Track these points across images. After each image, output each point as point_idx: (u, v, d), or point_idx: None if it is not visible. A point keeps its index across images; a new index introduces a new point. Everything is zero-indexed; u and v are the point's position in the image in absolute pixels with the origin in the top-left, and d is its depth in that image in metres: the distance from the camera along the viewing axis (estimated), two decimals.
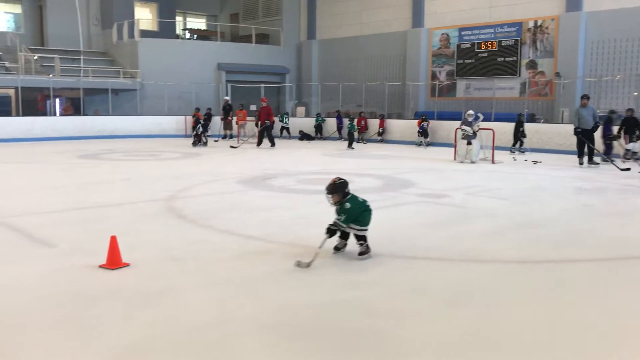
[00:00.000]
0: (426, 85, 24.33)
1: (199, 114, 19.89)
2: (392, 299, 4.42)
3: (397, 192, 9.57)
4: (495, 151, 14.64)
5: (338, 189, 5.61)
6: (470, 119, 14.08)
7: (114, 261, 5.00)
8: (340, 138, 22.63)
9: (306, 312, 4.11)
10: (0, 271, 4.94)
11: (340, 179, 5.72)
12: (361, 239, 5.56)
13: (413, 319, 4.01)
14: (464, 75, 23.28)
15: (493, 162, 14.31)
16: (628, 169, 12.51)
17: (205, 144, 19.05)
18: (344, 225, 5.49)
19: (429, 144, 19.83)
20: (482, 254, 5.81)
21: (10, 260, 5.27)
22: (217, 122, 22.57)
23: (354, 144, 19.32)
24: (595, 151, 13.64)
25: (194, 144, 18.88)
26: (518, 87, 21.79)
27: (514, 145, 17.25)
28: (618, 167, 12.64)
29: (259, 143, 18.61)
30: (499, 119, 19.26)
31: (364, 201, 5.70)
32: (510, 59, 21.90)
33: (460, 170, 12.76)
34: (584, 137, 13.40)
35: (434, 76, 24.29)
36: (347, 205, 5.51)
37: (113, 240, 5.06)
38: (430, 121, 20.51)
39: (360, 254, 5.52)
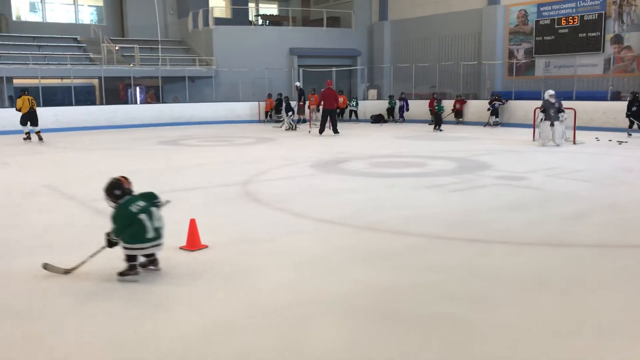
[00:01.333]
0: (503, 65, 23.51)
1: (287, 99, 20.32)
2: (470, 283, 4.33)
3: (473, 174, 9.34)
4: (578, 131, 13.99)
5: (106, 190, 4.60)
6: (553, 100, 13.30)
7: (194, 243, 5.17)
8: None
9: (384, 294, 4.10)
10: (86, 253, 5.21)
11: (114, 177, 4.72)
12: (126, 257, 4.42)
13: (491, 304, 3.92)
14: (543, 52, 22.30)
15: (574, 142, 13.68)
16: None
17: (293, 128, 19.37)
18: (116, 238, 4.45)
19: (497, 124, 19.31)
20: (563, 238, 5.58)
21: (95, 242, 5.54)
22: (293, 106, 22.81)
23: (442, 126, 18.90)
24: None
25: (289, 129, 19.36)
26: (602, 64, 20.65)
27: (630, 126, 15.54)
28: None
29: (321, 130, 17.12)
30: (581, 97, 18.38)
31: (144, 209, 4.50)
32: (593, 34, 20.77)
33: (539, 152, 12.30)
34: None
35: (511, 55, 23.43)
36: (114, 213, 4.52)
37: (192, 222, 5.23)
38: (508, 101, 19.89)
39: (120, 273, 4.41)
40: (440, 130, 18.44)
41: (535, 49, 22.56)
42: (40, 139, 16.13)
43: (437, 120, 18.83)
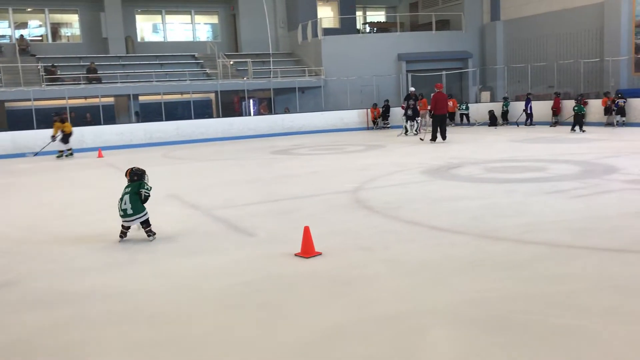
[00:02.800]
0: (629, 60, 21.84)
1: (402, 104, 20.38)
2: (600, 294, 4.03)
3: (599, 178, 8.73)
4: None
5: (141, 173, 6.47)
6: None
7: (308, 250, 5.24)
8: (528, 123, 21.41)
9: (501, 305, 3.91)
10: (210, 258, 5.45)
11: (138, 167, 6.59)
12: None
13: (625, 316, 3.61)
14: None
15: None
16: None
17: (405, 133, 19.34)
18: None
19: (623, 124, 18.04)
20: None
21: (218, 249, 5.79)
22: (400, 112, 22.70)
23: (584, 127, 17.99)
24: None
25: (405, 133, 19.57)
26: None
27: None
28: None
29: (433, 137, 16.36)
30: None
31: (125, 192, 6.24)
32: None
33: None
34: None
35: (638, 49, 21.73)
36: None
37: (306, 230, 5.30)
38: (633, 99, 18.52)
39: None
40: (583, 131, 17.49)
41: None
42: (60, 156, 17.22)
43: (576, 121, 17.89)
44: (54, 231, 7.06)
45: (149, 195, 6.25)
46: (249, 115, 25.71)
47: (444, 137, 16.33)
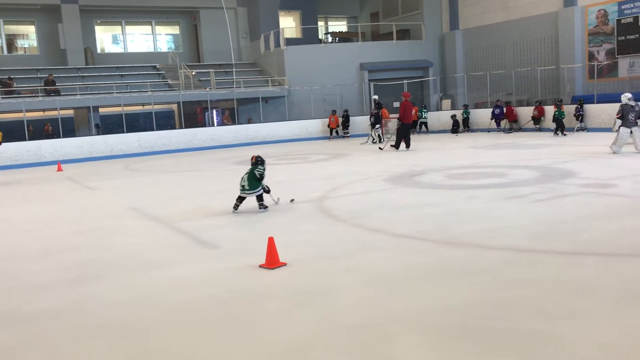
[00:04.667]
0: (583, 67, 22.52)
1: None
2: (560, 298, 4.11)
3: (557, 183, 8.95)
4: None
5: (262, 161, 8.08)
6: (632, 103, 12.46)
7: (273, 261, 5.21)
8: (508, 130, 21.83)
9: (466, 311, 3.96)
10: (173, 271, 5.37)
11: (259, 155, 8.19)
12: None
13: (584, 319, 3.70)
14: (626, 52, 21.17)
15: None
16: None
17: (380, 141, 19.42)
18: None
19: (582, 129, 18.67)
20: None
21: (181, 261, 5.71)
22: (361, 122, 22.90)
23: (565, 131, 18.52)
24: None
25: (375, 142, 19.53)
26: None
27: None
28: None
29: (397, 145, 16.49)
30: None
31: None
32: None
33: (627, 158, 11.62)
34: None
35: (591, 57, 22.41)
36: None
37: (271, 241, 5.28)
38: (588, 105, 19.10)
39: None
40: (564, 135, 18.08)
41: (618, 49, 21.46)
42: None
43: (558, 125, 18.47)
44: (13, 247, 6.86)
45: (263, 175, 7.98)
46: (213, 125, 25.53)
47: (408, 146, 16.48)
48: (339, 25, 33.56)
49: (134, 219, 8.20)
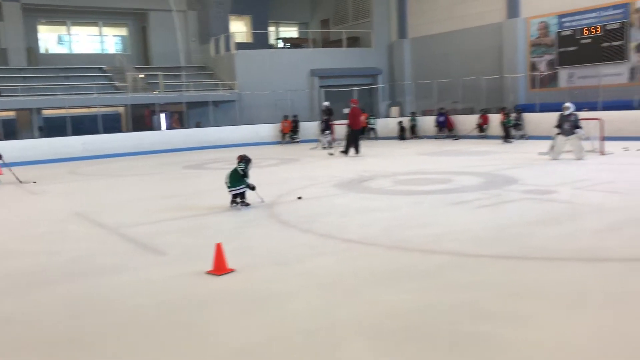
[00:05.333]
0: (525, 77, 23.32)
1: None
2: (503, 301, 4.25)
3: (500, 189, 9.22)
4: (606, 142, 13.75)
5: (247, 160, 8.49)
6: (566, 113, 13.02)
7: (220, 267, 5.17)
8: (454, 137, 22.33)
9: (415, 315, 4.04)
10: (118, 278, 5.26)
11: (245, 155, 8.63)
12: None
13: (526, 322, 3.83)
14: (566, 64, 22.07)
15: (602, 153, 13.44)
16: None
17: (330, 147, 19.35)
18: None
19: (523, 137, 19.30)
20: (596, 252, 5.45)
21: (126, 269, 5.60)
22: (312, 127, 23.01)
23: (510, 139, 19.09)
24: None
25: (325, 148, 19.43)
26: (627, 73, 20.34)
27: None
28: None
29: (346, 151, 16.70)
30: (607, 107, 18.10)
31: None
32: (617, 43, 20.49)
33: (566, 164, 12.10)
34: None
35: (533, 67, 23.24)
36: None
37: (218, 247, 5.24)
38: (530, 114, 19.79)
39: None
40: (510, 142, 18.66)
41: (558, 61, 22.35)
42: None
43: (506, 133, 19.06)
44: None
45: (246, 173, 8.38)
46: (161, 129, 25.12)
47: (357, 151, 16.64)
48: (290, 31, 33.66)
49: (79, 225, 7.99)
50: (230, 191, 8.39)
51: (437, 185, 10.06)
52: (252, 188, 8.44)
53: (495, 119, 20.76)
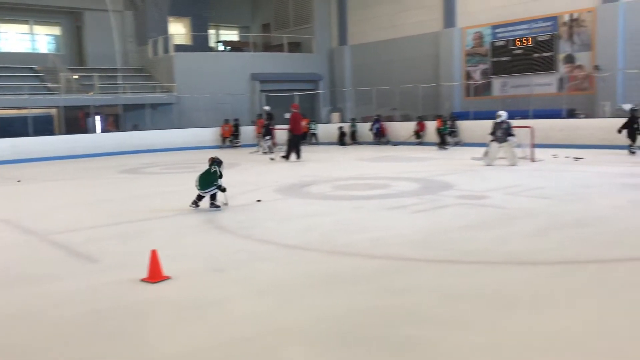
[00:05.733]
0: (461, 86, 24.02)
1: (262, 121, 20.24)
2: (438, 304, 4.34)
3: (435, 194, 9.44)
4: (536, 149, 14.32)
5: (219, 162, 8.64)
6: (499, 120, 13.53)
7: (155, 274, 5.05)
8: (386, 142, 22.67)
9: (350, 320, 4.07)
10: (46, 288, 5.05)
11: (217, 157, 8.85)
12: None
13: (460, 325, 3.92)
14: (500, 73, 22.88)
15: (533, 160, 13.99)
16: None
17: (271, 152, 19.15)
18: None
19: (457, 144, 19.85)
20: (527, 256, 5.66)
21: (56, 277, 5.39)
22: (252, 131, 22.94)
23: (446, 145, 19.51)
24: None
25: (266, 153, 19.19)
26: (556, 83, 21.29)
27: (632, 144, 14.89)
28: None
29: (287, 156, 16.64)
30: (537, 116, 18.87)
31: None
32: (547, 54, 21.42)
33: (499, 170, 12.52)
34: None
35: (468, 76, 23.97)
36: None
37: (154, 253, 5.12)
38: (466, 122, 20.37)
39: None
40: (445, 148, 19.08)
41: (492, 70, 23.13)
42: None
43: (442, 140, 19.48)
44: None
45: (221, 174, 8.51)
46: (96, 132, 24.35)
47: (298, 156, 16.66)
48: (231, 34, 33.41)
49: (6, 232, 7.63)
50: (201, 193, 8.46)
51: (376, 190, 10.19)
52: (223, 190, 8.55)
53: (431, 126, 21.26)
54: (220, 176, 8.53)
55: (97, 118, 24.71)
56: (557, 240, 6.24)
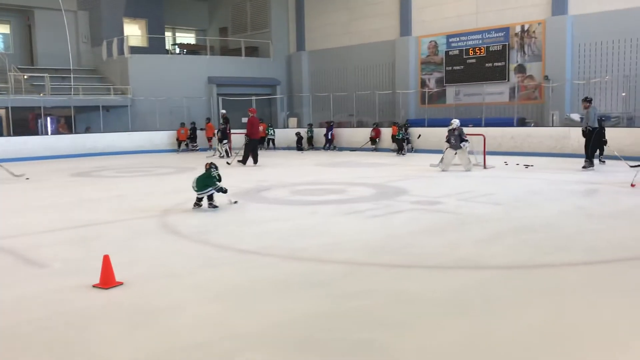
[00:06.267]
0: (416, 93, 24.42)
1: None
2: (392, 309, 4.40)
3: (390, 200, 9.57)
4: (488, 156, 14.68)
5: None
6: (453, 127, 13.87)
7: (108, 280, 4.95)
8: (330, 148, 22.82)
9: (305, 324, 4.09)
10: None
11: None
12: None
13: (413, 329, 3.99)
14: (453, 81, 23.38)
15: (485, 167, 14.34)
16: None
17: (228, 156, 18.96)
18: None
19: (411, 150, 20.21)
20: (478, 260, 5.80)
21: (3, 283, 5.22)
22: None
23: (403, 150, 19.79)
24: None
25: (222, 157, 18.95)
26: (507, 92, 21.90)
27: (601, 153, 14.71)
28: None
29: (244, 160, 16.55)
30: (490, 124, 19.37)
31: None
32: (499, 64, 22.02)
33: (452, 177, 12.78)
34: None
35: (423, 84, 24.39)
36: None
37: (106, 259, 5.02)
38: (422, 129, 20.71)
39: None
40: (403, 154, 19.36)
41: (446, 78, 23.61)
42: None
43: (399, 146, 19.74)
44: None
45: (219, 177, 8.96)
46: (47, 134, 23.69)
47: (255, 161, 16.60)
48: (188, 37, 33.09)
49: None
50: (198, 195, 8.89)
51: (332, 195, 10.26)
52: (225, 191, 9.00)
53: (387, 132, 21.53)
54: (219, 179, 8.95)
55: (48, 119, 24.06)
56: (507, 245, 6.41)
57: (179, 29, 33.01)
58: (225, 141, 19.84)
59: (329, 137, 23.02)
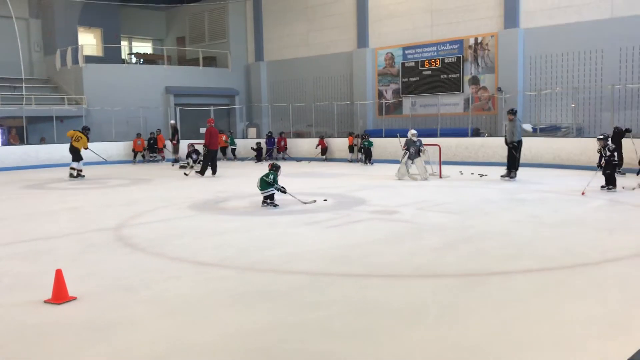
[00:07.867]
0: (373, 104, 24.70)
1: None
2: (351, 318, 4.43)
3: (349, 209, 9.64)
4: (443, 166, 14.95)
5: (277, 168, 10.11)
6: (415, 139, 14.16)
7: (60, 295, 4.83)
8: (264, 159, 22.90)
9: (264, 336, 4.07)
10: None
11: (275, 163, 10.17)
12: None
13: (372, 338, 4.02)
14: (410, 93, 23.75)
15: (441, 176, 14.59)
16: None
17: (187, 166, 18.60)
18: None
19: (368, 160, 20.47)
20: (434, 269, 5.90)
21: None
22: (167, 145, 22.47)
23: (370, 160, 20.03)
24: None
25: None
26: (462, 103, 22.37)
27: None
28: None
29: (202, 171, 16.47)
30: (445, 134, 19.74)
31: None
32: (453, 75, 22.49)
33: (410, 186, 12.96)
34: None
35: (380, 95, 24.69)
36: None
37: (59, 273, 4.90)
38: (377, 139, 20.95)
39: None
40: (371, 164, 19.63)
41: (402, 90, 23.97)
42: None
43: (367, 155, 20.01)
44: None
45: (276, 179, 9.89)
46: None
47: (214, 172, 16.45)
48: (144, 47, 32.66)
49: None
50: (262, 193, 9.87)
51: (291, 206, 10.26)
52: (284, 191, 9.86)
53: (341, 143, 21.70)
54: (275, 182, 9.82)
55: None
56: (463, 253, 6.54)
57: (136, 38, 32.58)
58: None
59: (271, 147, 23.26)
